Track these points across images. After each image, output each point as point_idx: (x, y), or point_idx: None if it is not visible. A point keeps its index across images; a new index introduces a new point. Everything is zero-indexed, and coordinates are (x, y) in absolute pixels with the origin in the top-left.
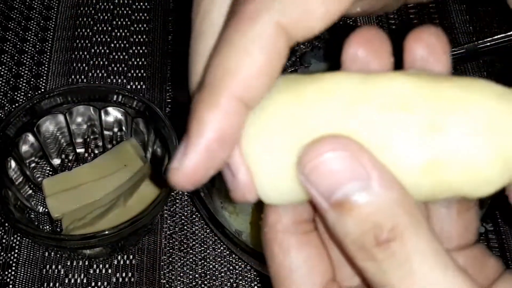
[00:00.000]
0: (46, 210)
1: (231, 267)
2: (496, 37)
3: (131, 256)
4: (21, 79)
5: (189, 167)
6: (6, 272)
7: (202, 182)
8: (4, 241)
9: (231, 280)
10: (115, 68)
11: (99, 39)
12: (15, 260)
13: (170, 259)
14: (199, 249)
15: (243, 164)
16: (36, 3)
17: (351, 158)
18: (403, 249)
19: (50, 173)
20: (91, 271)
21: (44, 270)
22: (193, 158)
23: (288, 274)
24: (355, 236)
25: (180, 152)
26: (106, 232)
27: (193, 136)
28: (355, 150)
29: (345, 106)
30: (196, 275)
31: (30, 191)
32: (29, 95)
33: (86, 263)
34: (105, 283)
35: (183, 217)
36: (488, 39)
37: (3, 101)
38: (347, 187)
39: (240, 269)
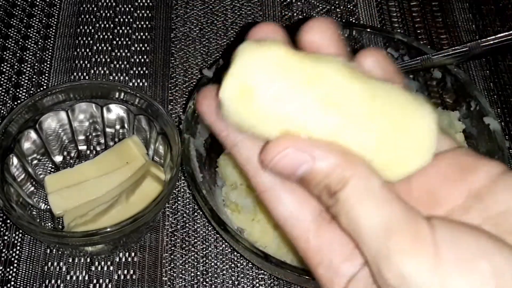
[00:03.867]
0: (48, 207)
1: (232, 265)
2: (499, 35)
3: (133, 254)
4: (23, 76)
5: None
6: (8, 269)
7: None
8: (6, 238)
9: (233, 278)
10: (117, 66)
11: (101, 36)
12: (17, 257)
13: (172, 256)
14: (201, 247)
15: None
16: (38, 0)
17: (297, 150)
18: (344, 193)
19: (52, 170)
20: (93, 268)
21: (46, 267)
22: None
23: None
24: (318, 195)
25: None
26: (108, 229)
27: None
28: (299, 143)
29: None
30: (198, 273)
31: (32, 188)
32: (31, 92)
33: (88, 260)
34: (107, 280)
35: (185, 215)
36: (491, 38)
37: (5, 98)
38: (300, 169)
39: (241, 266)
